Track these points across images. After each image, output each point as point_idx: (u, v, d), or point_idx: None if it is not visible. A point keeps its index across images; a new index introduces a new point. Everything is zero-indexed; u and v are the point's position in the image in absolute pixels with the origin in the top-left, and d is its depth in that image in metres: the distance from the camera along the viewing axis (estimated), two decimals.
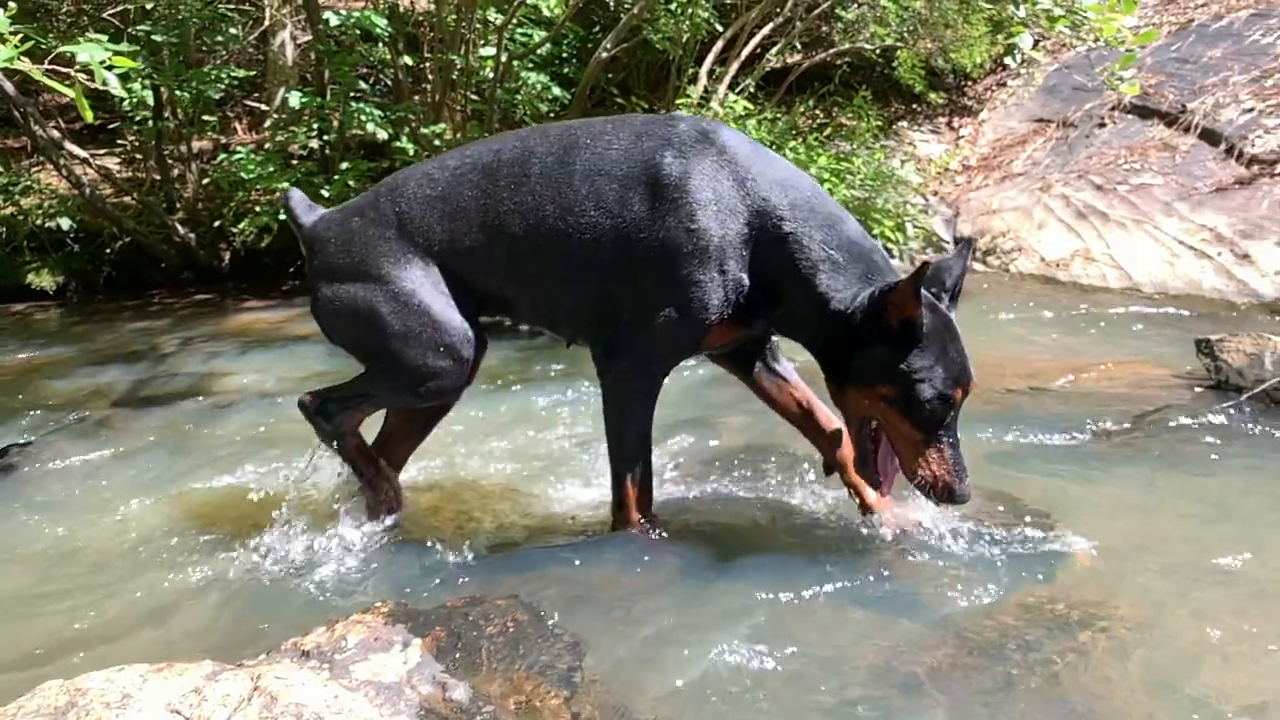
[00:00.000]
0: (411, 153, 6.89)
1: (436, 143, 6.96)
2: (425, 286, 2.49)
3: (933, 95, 9.35)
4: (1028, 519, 2.55)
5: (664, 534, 2.57)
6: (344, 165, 7.14)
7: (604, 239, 2.35)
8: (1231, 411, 3.38)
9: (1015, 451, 3.12)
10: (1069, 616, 2.08)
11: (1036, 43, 9.34)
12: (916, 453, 2.22)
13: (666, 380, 4.22)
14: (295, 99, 7.10)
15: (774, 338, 2.66)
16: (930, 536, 2.48)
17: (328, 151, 7.92)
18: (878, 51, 8.77)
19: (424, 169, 2.59)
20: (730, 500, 2.87)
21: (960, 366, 2.18)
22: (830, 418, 2.63)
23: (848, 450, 2.58)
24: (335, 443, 2.71)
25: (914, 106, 9.53)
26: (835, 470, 2.63)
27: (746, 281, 2.32)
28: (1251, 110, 6.77)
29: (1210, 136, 6.77)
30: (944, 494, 2.21)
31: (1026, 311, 5.33)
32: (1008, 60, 6.34)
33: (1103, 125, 7.75)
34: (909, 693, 1.87)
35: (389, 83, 8.59)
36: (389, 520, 2.73)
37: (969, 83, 9.74)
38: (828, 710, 1.83)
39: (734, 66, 7.75)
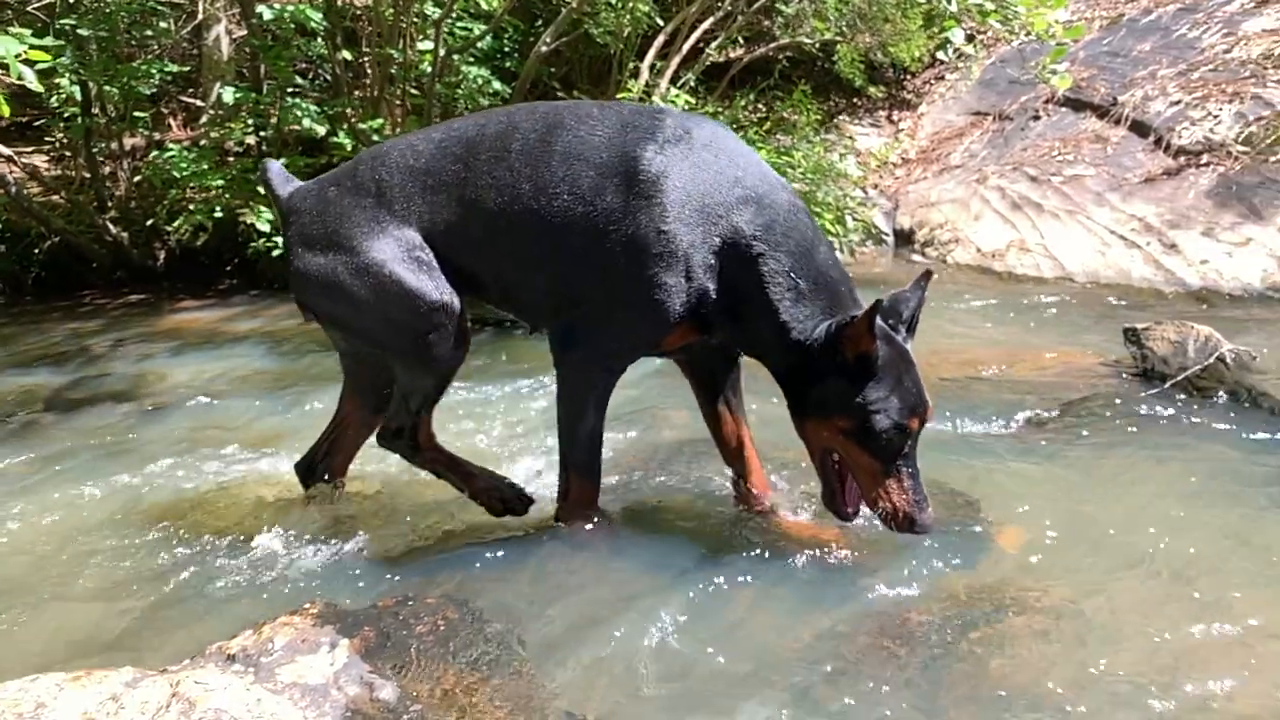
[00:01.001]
0: (349, 148, 6.79)
1: (375, 138, 6.88)
2: (398, 257, 2.44)
3: (873, 89, 9.45)
4: (958, 506, 2.60)
5: (607, 526, 2.56)
6: (281, 161, 7.01)
7: (575, 225, 2.32)
8: (1156, 398, 3.47)
9: (947, 439, 3.17)
10: (993, 601, 2.12)
11: (972, 38, 9.51)
12: (876, 483, 2.23)
13: None
14: (229, 94, 6.97)
15: (739, 374, 2.67)
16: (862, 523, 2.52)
17: (265, 147, 7.79)
18: (818, 46, 8.84)
19: (409, 140, 2.55)
20: (665, 493, 2.88)
21: (916, 396, 2.19)
22: (758, 469, 2.67)
23: (761, 490, 2.66)
24: (422, 461, 2.69)
25: (854, 100, 9.63)
26: (744, 506, 2.67)
27: (712, 292, 2.30)
28: (1178, 103, 6.94)
29: (1140, 128, 6.93)
30: (905, 524, 2.22)
31: (962, 301, 5.41)
32: (940, 55, 6.43)
33: (1037, 118, 7.90)
34: (832, 677, 1.90)
35: (328, 78, 8.47)
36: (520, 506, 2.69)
37: (908, 77, 9.86)
38: (753, 696, 1.85)
39: (675, 61, 7.76)
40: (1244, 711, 1.74)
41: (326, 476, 2.94)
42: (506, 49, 8.71)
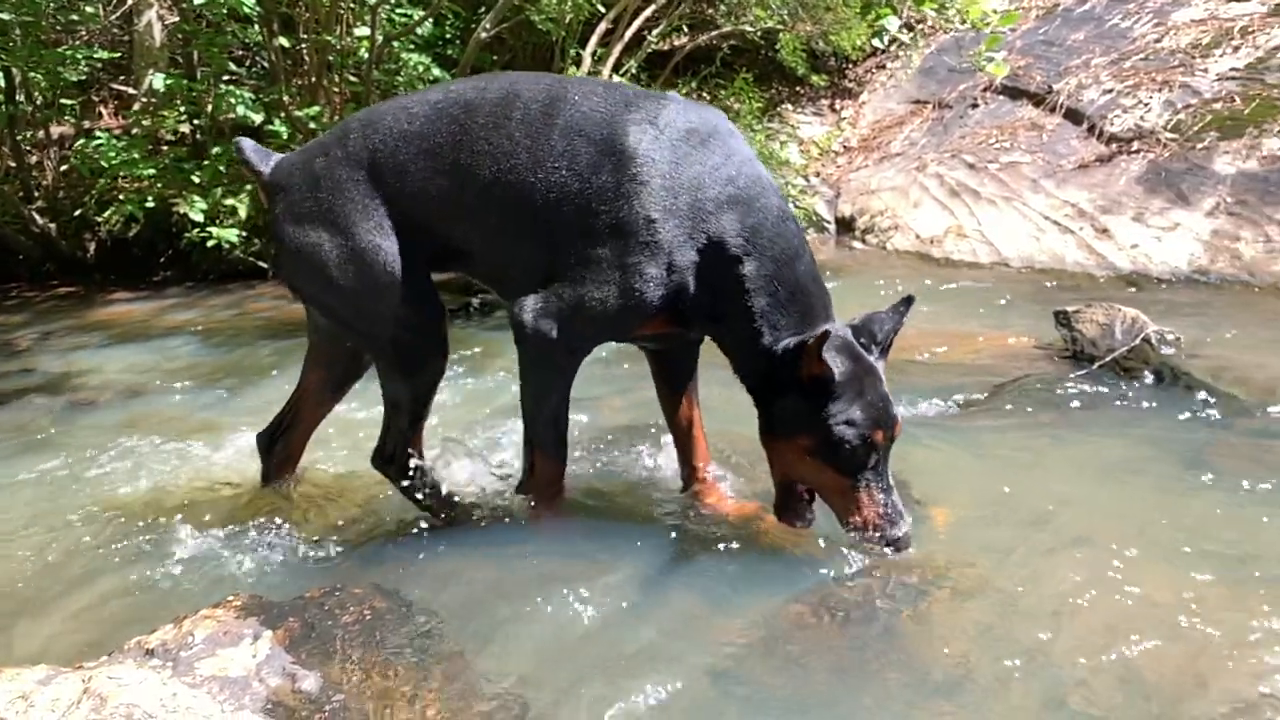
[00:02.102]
0: (285, 136, 6.68)
1: (312, 125, 6.77)
2: (393, 247, 2.39)
3: (815, 78, 9.49)
4: None
5: (557, 509, 2.54)
6: (215, 150, 6.89)
7: (568, 201, 2.27)
8: (1084, 379, 3.54)
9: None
10: (920, 577, 2.15)
11: (911, 26, 9.61)
12: (846, 500, 2.20)
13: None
14: (160, 81, 6.80)
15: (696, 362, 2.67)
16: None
17: (199, 136, 7.63)
18: (760, 34, 8.86)
19: (402, 103, 2.48)
20: (601, 479, 2.88)
21: (880, 410, 2.16)
22: (704, 450, 2.68)
23: (704, 469, 2.67)
24: (411, 490, 2.62)
25: (797, 89, 9.67)
26: (687, 483, 2.68)
27: (693, 287, 2.27)
28: (1111, 91, 7.07)
29: (1074, 116, 7.06)
30: (877, 538, 2.18)
31: (900, 287, 5.48)
32: (875, 42, 6.48)
33: (976, 106, 8.00)
34: (762, 652, 1.92)
35: (265, 65, 8.30)
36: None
37: (850, 65, 9.92)
38: (684, 673, 1.85)
39: (618, 48, 7.73)
40: (1161, 678, 1.78)
41: (284, 456, 2.87)
42: (448, 36, 8.60)
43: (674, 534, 2.46)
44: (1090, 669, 1.82)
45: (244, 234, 6.65)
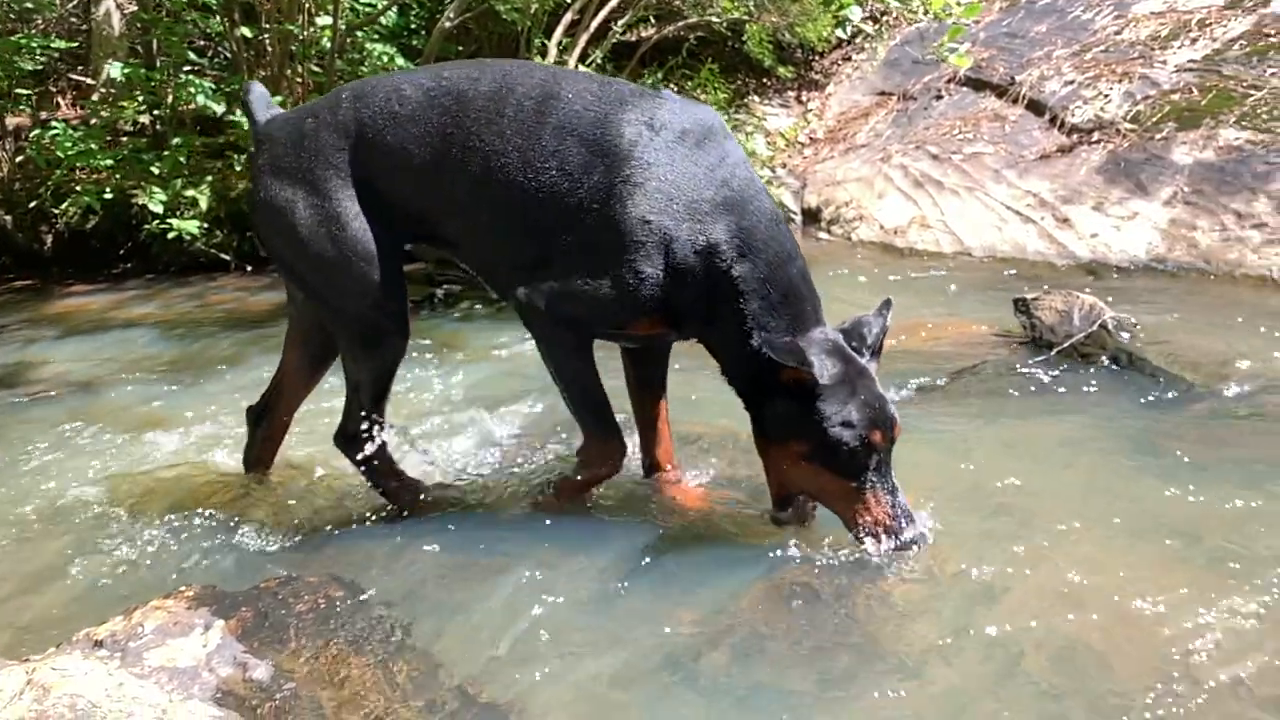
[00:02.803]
0: (246, 126, 6.59)
1: None
2: (365, 218, 2.38)
3: (781, 69, 9.50)
4: None
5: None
6: (176, 141, 6.79)
7: (558, 201, 2.25)
8: (1043, 365, 3.58)
9: None
10: (874, 562, 2.15)
11: (876, 18, 9.66)
12: (851, 504, 2.16)
13: (506, 351, 4.20)
14: (117, 70, 6.69)
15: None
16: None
17: (159, 127, 7.52)
18: (726, 25, 8.86)
19: (395, 83, 2.44)
20: (562, 467, 2.87)
21: (876, 410, 2.13)
22: (668, 441, 2.68)
23: (666, 459, 2.68)
24: (372, 475, 2.63)
25: (764, 80, 9.68)
26: (648, 471, 2.70)
27: (686, 289, 2.23)
28: (1072, 82, 7.14)
29: (1036, 107, 7.12)
30: (888, 540, 2.13)
31: (863, 276, 5.51)
32: (839, 33, 6.48)
33: (940, 97, 8.05)
34: (717, 639, 1.92)
35: (228, 55, 8.20)
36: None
37: (816, 57, 9.95)
38: (638, 660, 1.86)
39: (584, 38, 7.70)
40: (1106, 652, 1.81)
41: (266, 433, 2.85)
42: (414, 26, 8.53)
43: (633, 522, 2.46)
44: (1037, 643, 1.84)
45: (205, 225, 6.57)
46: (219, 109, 6.74)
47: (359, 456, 2.59)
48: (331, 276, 2.43)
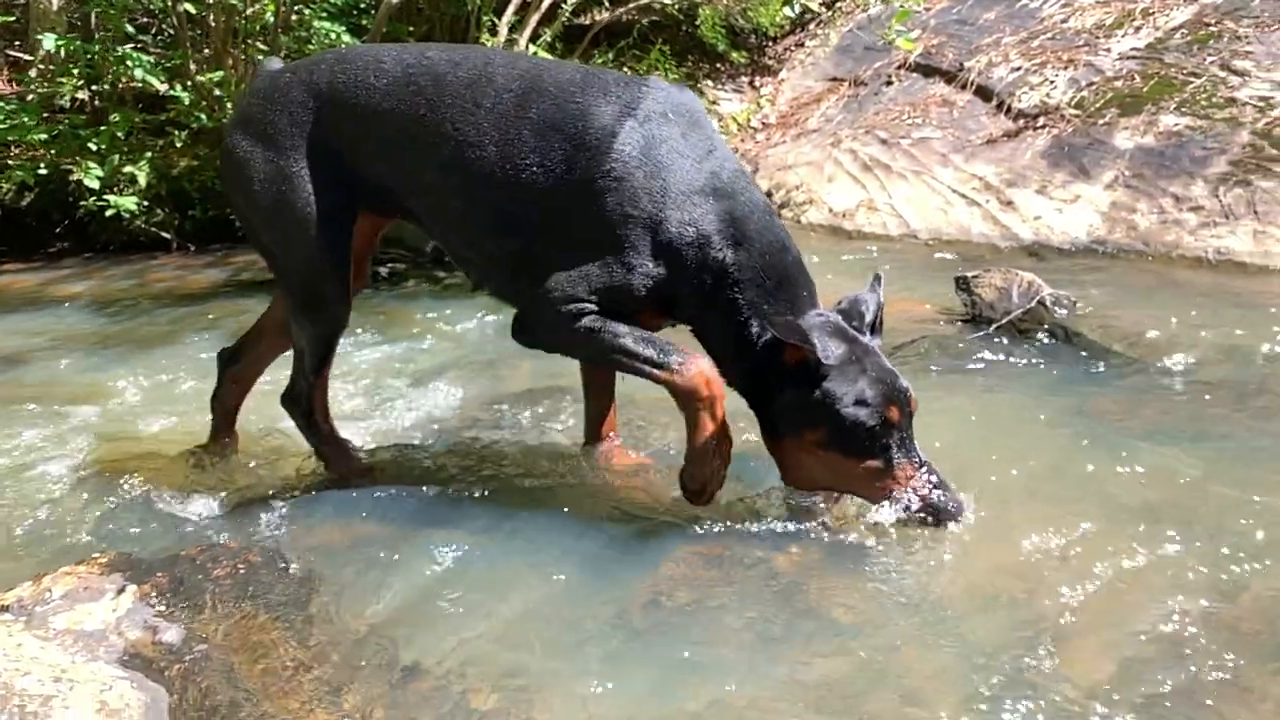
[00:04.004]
0: (187, 102, 6.47)
1: (217, 92, 6.56)
2: (319, 183, 2.34)
3: (735, 54, 9.51)
4: None
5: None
6: (114, 117, 6.63)
7: (543, 198, 2.18)
8: (982, 340, 3.62)
9: None
10: (813, 532, 2.14)
11: (830, 4, 9.70)
12: (881, 483, 2.08)
13: (449, 327, 4.16)
14: (50, 42, 6.51)
15: None
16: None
17: (98, 103, 7.33)
18: (680, 9, 8.84)
19: (375, 53, 2.39)
20: (501, 440, 2.85)
21: (889, 384, 2.06)
22: (613, 421, 2.66)
23: (609, 430, 2.66)
24: (314, 438, 2.61)
25: (717, 65, 9.67)
26: (591, 442, 2.67)
27: (680, 281, 2.17)
28: (1019, 69, 7.21)
29: (983, 93, 7.18)
30: (929, 514, 2.06)
31: (816, 257, 5.50)
32: (787, 10, 6.48)
33: (890, 83, 8.09)
34: (651, 604, 1.91)
35: (172, 32, 8.00)
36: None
37: (769, 43, 9.96)
38: (566, 627, 1.84)
39: (534, 19, 7.63)
40: (1035, 614, 1.82)
41: (237, 374, 2.79)
42: (364, 5, 8.39)
43: (569, 491, 2.45)
44: (969, 610, 1.85)
45: (145, 203, 6.42)
46: (159, 83, 6.58)
47: (300, 419, 2.59)
48: (278, 235, 2.42)
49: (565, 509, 2.31)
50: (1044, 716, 1.53)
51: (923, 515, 2.07)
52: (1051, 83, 6.85)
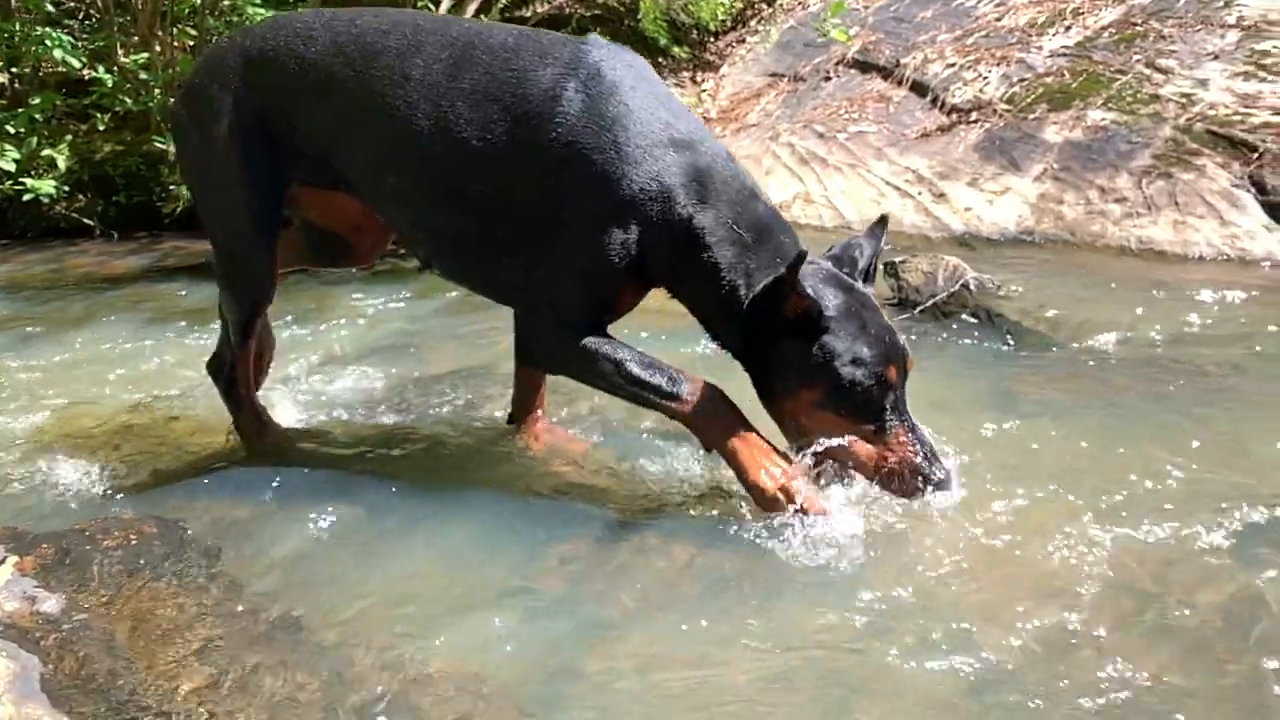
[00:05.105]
0: (110, 85, 6.29)
1: (143, 75, 6.40)
2: (248, 153, 2.28)
3: (677, 49, 9.53)
4: None
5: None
6: (34, 99, 6.43)
7: (487, 173, 2.06)
8: (908, 323, 3.64)
9: (707, 365, 3.20)
10: (749, 511, 2.11)
11: (770, 1, 9.74)
12: (873, 445, 1.97)
13: (374, 311, 4.09)
14: None
15: None
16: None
17: (18, 85, 7.11)
18: (622, 2, 8.83)
19: (307, 21, 2.27)
20: (427, 419, 2.80)
21: (888, 343, 1.95)
22: (543, 400, 2.55)
23: (539, 408, 2.56)
24: (235, 409, 2.55)
25: (659, 60, 9.66)
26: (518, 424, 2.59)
27: (651, 247, 2.03)
28: (954, 65, 7.31)
29: (919, 88, 7.26)
30: (915, 482, 1.94)
31: None
32: (724, 1, 6.52)
33: (828, 79, 8.15)
34: (579, 583, 1.86)
35: (98, 16, 7.79)
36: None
37: (711, 38, 9.99)
38: (480, 607, 1.78)
39: (471, 8, 7.56)
40: (975, 592, 1.79)
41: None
42: None
43: (487, 469, 2.41)
44: (895, 591, 1.79)
45: (65, 188, 6.23)
46: (78, 64, 6.39)
47: (221, 385, 2.56)
48: (206, 199, 2.43)
49: (478, 484, 2.27)
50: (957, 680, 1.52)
51: (904, 482, 1.96)
52: (984, 79, 6.95)
